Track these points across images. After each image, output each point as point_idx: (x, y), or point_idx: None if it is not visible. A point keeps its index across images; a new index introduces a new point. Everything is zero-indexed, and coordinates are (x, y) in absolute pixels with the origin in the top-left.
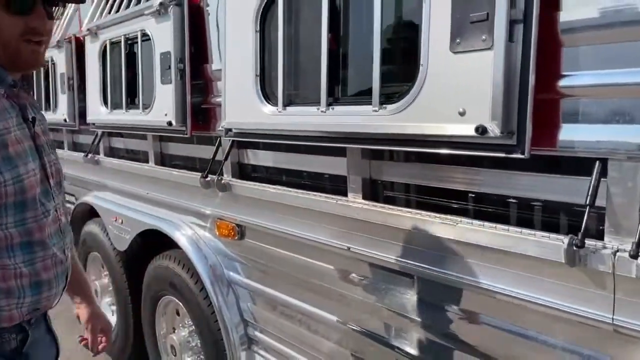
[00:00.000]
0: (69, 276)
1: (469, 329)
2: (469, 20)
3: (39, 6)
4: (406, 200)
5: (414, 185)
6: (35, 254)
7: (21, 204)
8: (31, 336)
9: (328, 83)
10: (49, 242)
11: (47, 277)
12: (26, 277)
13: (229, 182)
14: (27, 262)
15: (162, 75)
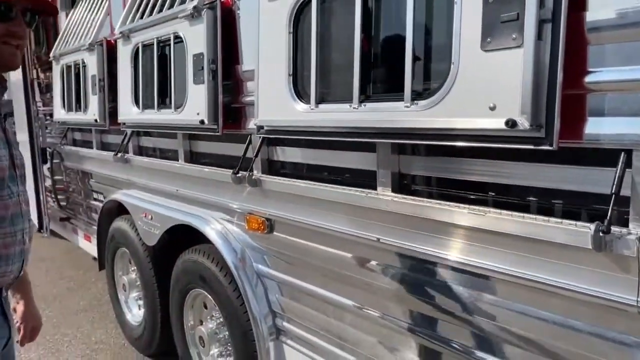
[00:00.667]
0: (26, 260)
1: (495, 315)
2: (499, 20)
3: (19, 16)
4: (434, 193)
5: (441, 178)
6: None
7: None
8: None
9: (360, 81)
10: (11, 221)
11: (6, 252)
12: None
13: (260, 177)
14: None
15: (194, 76)
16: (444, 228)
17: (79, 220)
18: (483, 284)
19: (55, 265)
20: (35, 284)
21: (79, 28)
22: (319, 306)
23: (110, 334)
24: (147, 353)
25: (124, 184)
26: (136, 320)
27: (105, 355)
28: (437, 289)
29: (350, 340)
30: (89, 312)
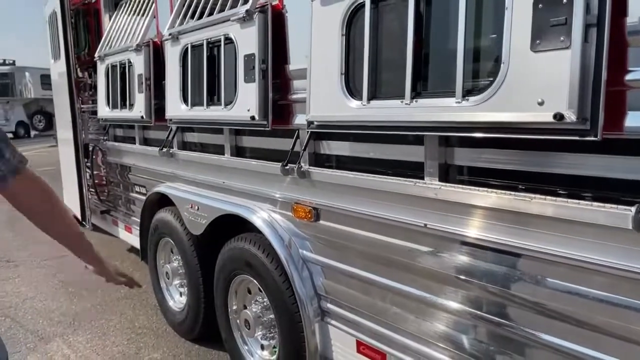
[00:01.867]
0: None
1: (540, 294)
2: (549, 24)
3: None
4: (478, 182)
5: (484, 168)
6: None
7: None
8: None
9: (412, 79)
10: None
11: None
12: None
13: (308, 169)
14: None
15: (245, 75)
16: (490, 214)
17: (119, 213)
18: (526, 264)
19: None
20: (76, 274)
21: (124, 30)
22: (363, 288)
23: (152, 320)
24: (189, 337)
25: (168, 178)
26: (178, 306)
27: (149, 338)
28: (481, 270)
29: (393, 319)
30: (130, 300)
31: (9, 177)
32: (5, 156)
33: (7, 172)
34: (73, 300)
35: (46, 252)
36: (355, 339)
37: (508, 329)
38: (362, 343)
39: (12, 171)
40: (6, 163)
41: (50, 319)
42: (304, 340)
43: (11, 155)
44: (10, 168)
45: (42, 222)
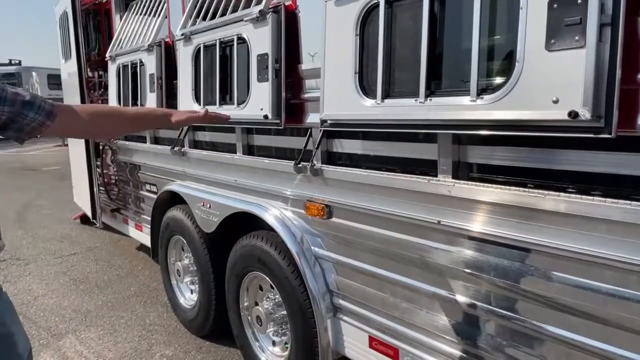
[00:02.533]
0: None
1: (553, 289)
2: (563, 24)
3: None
4: (491, 179)
5: (496, 165)
6: None
7: None
8: None
9: (427, 78)
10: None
11: None
12: None
13: (321, 167)
14: None
15: (258, 74)
16: (504, 210)
17: (129, 211)
18: (540, 260)
19: (103, 255)
20: (86, 272)
21: (135, 30)
22: (375, 284)
23: (162, 317)
24: (200, 334)
25: (179, 176)
26: (189, 303)
27: (160, 335)
28: (493, 266)
29: (406, 314)
30: (140, 297)
31: (47, 121)
32: (36, 103)
33: (44, 117)
34: (84, 297)
35: (56, 249)
36: (368, 334)
37: (519, 323)
38: (374, 338)
39: (49, 113)
40: (40, 108)
41: (62, 315)
42: (316, 336)
43: (41, 101)
44: (45, 112)
45: (111, 133)
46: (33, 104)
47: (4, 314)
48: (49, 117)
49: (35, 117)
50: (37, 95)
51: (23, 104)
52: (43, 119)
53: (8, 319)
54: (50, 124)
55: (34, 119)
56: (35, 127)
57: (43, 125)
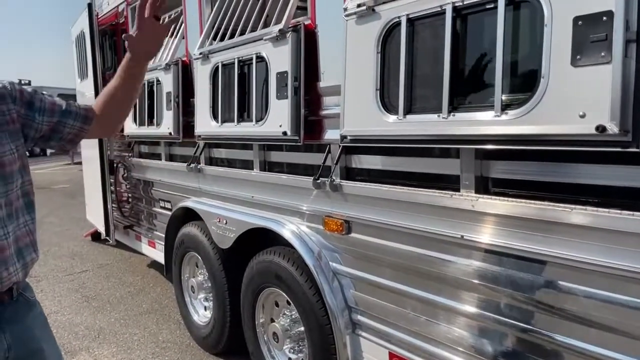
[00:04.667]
0: (2, 268)
1: (582, 304)
2: (589, 40)
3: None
4: (514, 193)
5: (519, 180)
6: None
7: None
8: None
9: (450, 93)
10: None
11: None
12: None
13: (340, 183)
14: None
15: (277, 92)
16: (529, 224)
17: (142, 228)
18: (567, 275)
19: (114, 272)
20: (98, 289)
21: None
22: (396, 300)
23: (175, 334)
24: (214, 351)
25: (194, 193)
26: (203, 320)
27: (173, 352)
28: (519, 281)
29: (428, 330)
30: (152, 314)
31: (85, 126)
32: (72, 110)
33: (81, 124)
34: (97, 314)
35: (67, 267)
36: (388, 350)
37: (545, 339)
38: (395, 355)
39: (85, 119)
40: (76, 115)
41: (75, 332)
42: (335, 352)
43: (75, 107)
44: (82, 119)
45: (126, 105)
46: (70, 112)
47: (34, 328)
48: (86, 122)
49: (74, 124)
50: (70, 102)
51: (62, 113)
52: (81, 125)
53: (38, 333)
54: (88, 128)
55: (74, 126)
56: (77, 134)
57: (83, 131)
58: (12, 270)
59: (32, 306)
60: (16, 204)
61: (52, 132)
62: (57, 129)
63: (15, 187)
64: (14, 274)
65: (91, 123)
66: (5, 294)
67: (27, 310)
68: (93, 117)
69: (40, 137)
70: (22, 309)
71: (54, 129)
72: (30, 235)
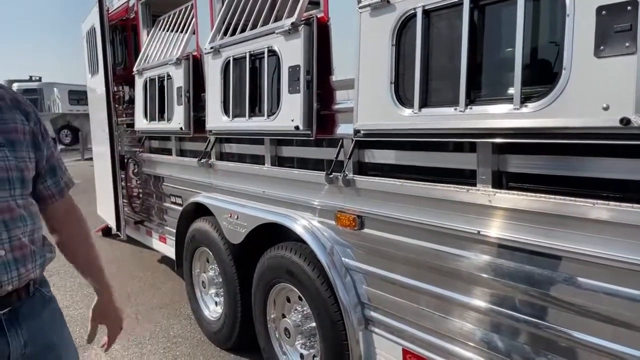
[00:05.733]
0: (16, 267)
1: (601, 300)
2: (613, 30)
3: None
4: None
5: (536, 174)
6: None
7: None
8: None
9: (467, 86)
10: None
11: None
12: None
13: (353, 177)
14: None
15: (290, 86)
16: (548, 219)
17: (153, 223)
18: (586, 270)
19: (125, 267)
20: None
21: (162, 45)
22: (410, 296)
23: (186, 329)
24: (225, 347)
25: (204, 188)
26: (213, 315)
27: (184, 347)
28: (537, 277)
29: (443, 327)
30: (164, 309)
31: (56, 196)
32: (57, 174)
33: (55, 192)
34: None
35: None
36: (402, 347)
37: (564, 336)
38: (408, 351)
39: (60, 192)
40: (57, 182)
41: (87, 327)
42: (347, 349)
43: (62, 174)
44: (58, 189)
45: (72, 248)
46: (55, 174)
47: (50, 323)
48: (60, 194)
49: (50, 186)
50: (66, 175)
51: (51, 170)
52: (52, 192)
53: (54, 328)
54: (55, 202)
55: (49, 187)
56: (45, 197)
57: (52, 199)
58: (30, 268)
59: (48, 302)
60: (37, 207)
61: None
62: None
63: (25, 190)
64: (31, 270)
65: (61, 198)
66: (22, 290)
67: (43, 306)
68: (65, 194)
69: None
70: (39, 305)
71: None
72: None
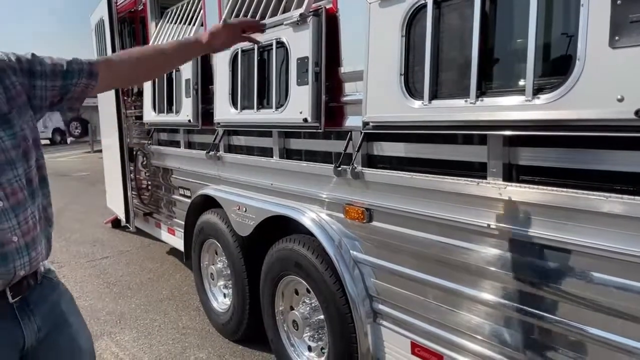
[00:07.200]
0: (27, 252)
1: (613, 294)
2: (628, 20)
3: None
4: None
5: (550, 168)
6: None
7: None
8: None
9: (478, 77)
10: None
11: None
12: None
13: (362, 170)
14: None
15: (298, 78)
16: (560, 213)
17: (162, 215)
18: (599, 265)
19: (134, 258)
20: (118, 275)
21: (170, 38)
22: (418, 289)
23: (195, 320)
24: (233, 338)
25: (212, 180)
26: (222, 307)
27: (193, 338)
28: (548, 270)
29: (451, 320)
30: (172, 300)
31: (91, 83)
32: (72, 66)
33: (88, 80)
34: (118, 300)
35: (89, 253)
36: (410, 340)
37: (574, 330)
38: (417, 344)
39: (89, 73)
40: (80, 74)
41: (97, 318)
42: (355, 342)
43: (78, 66)
44: (85, 73)
45: (152, 73)
46: (73, 71)
47: (60, 304)
48: (91, 77)
49: (79, 82)
50: (74, 60)
51: (64, 74)
52: (87, 81)
53: (64, 308)
54: (94, 85)
55: (79, 83)
56: (82, 91)
57: (88, 87)
58: (39, 249)
59: (56, 285)
60: (35, 181)
61: (58, 95)
62: (62, 91)
63: (33, 165)
64: (39, 252)
65: (97, 79)
66: (31, 278)
67: (51, 290)
68: (98, 72)
69: (49, 104)
70: (47, 289)
71: (60, 92)
72: (47, 210)
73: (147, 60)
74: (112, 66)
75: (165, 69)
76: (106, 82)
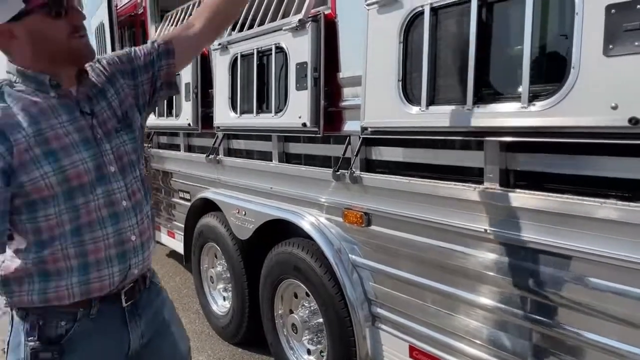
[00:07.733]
0: (135, 260)
1: (608, 300)
2: (622, 29)
3: (71, 3)
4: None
5: (546, 174)
6: (83, 236)
7: (68, 192)
8: (81, 326)
9: (475, 84)
10: (100, 225)
11: (95, 258)
12: (74, 258)
13: (360, 175)
14: (75, 244)
15: (297, 83)
16: (555, 218)
17: (162, 218)
18: (594, 270)
19: None
20: None
21: None
22: (416, 293)
23: (194, 323)
24: (233, 341)
25: (212, 184)
26: (221, 310)
27: (193, 341)
28: (544, 276)
29: (449, 324)
30: None
31: (170, 61)
32: (154, 55)
33: (167, 60)
34: None
35: None
36: (408, 344)
37: (571, 336)
38: (415, 348)
39: (167, 54)
40: (159, 57)
41: None
42: (354, 345)
43: (155, 50)
44: (165, 55)
45: (229, 20)
46: (155, 56)
47: (163, 312)
48: (169, 56)
49: (162, 65)
50: (148, 47)
51: (152, 62)
52: (166, 62)
53: (167, 316)
54: (173, 62)
55: (162, 67)
56: (167, 73)
57: (170, 67)
58: (148, 252)
59: (160, 291)
60: (146, 182)
61: (153, 85)
62: (152, 80)
63: (142, 166)
64: (148, 254)
65: (174, 55)
66: (141, 282)
67: (156, 295)
68: (173, 48)
69: (148, 99)
70: (153, 294)
71: (151, 82)
72: (152, 211)
73: (216, 12)
74: (185, 38)
75: (238, 10)
76: (185, 56)
